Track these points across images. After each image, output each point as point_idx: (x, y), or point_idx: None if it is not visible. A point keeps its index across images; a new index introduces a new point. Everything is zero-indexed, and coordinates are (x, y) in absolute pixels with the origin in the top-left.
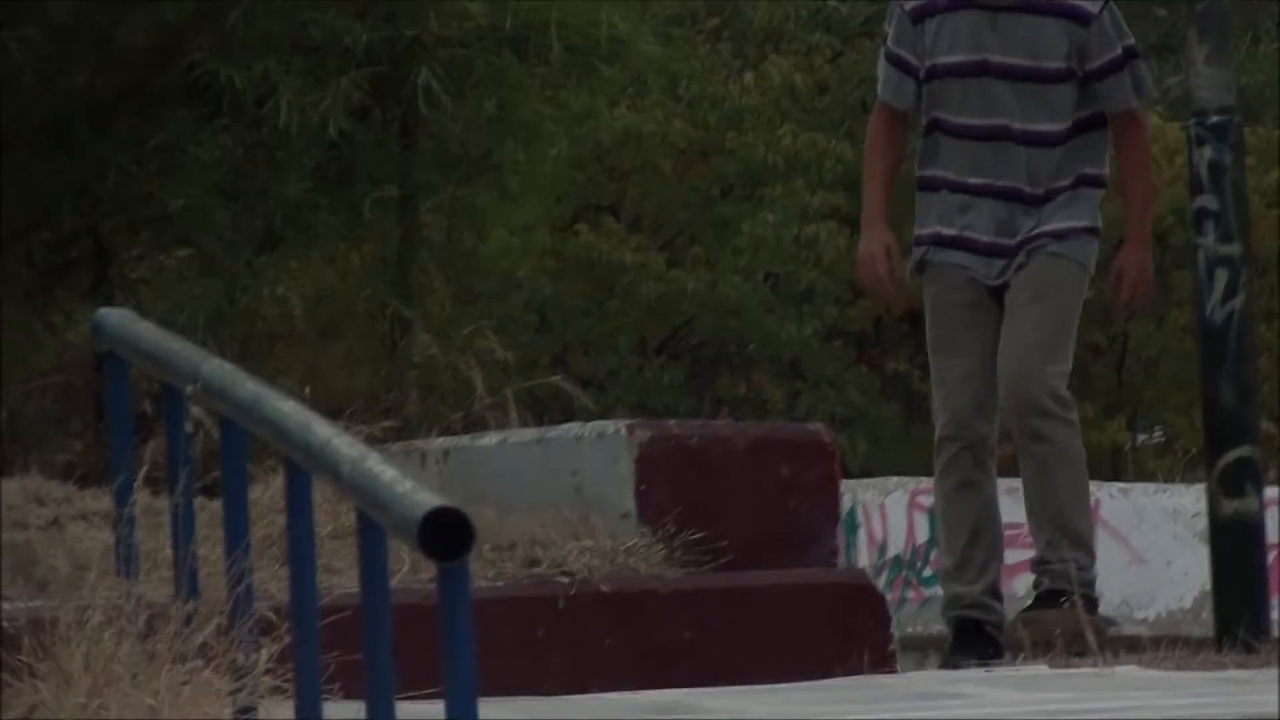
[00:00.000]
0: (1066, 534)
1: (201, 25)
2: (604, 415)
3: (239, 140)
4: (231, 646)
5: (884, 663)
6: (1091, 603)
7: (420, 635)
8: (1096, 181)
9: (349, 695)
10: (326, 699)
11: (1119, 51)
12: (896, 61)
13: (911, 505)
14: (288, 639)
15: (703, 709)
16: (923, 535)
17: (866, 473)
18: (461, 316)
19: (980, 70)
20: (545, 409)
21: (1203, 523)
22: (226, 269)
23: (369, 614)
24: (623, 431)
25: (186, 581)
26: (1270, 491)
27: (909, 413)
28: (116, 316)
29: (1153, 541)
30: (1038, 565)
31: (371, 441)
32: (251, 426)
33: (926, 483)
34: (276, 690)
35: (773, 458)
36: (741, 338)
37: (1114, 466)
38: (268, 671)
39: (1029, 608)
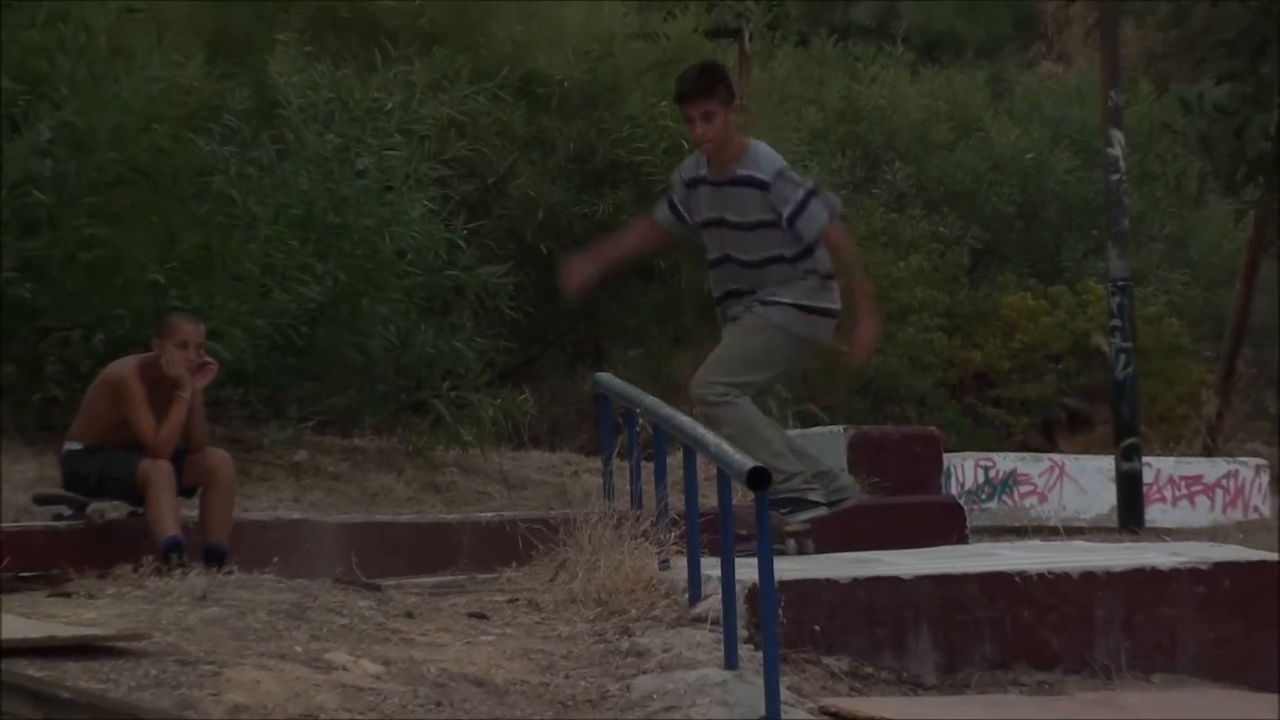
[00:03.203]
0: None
1: None
2: None
3: None
4: (657, 531)
5: (962, 539)
6: (801, 502)
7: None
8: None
9: (711, 553)
10: (704, 557)
11: (799, 198)
12: (670, 204)
13: (976, 466)
14: (683, 528)
15: (886, 560)
16: (979, 480)
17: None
18: None
19: (717, 224)
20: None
21: (1113, 473)
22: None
23: (722, 515)
24: (841, 430)
25: (636, 500)
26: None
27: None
28: (604, 376)
29: (1092, 482)
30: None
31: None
32: (666, 429)
33: (984, 454)
34: (678, 553)
35: (910, 442)
36: None
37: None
38: (675, 544)
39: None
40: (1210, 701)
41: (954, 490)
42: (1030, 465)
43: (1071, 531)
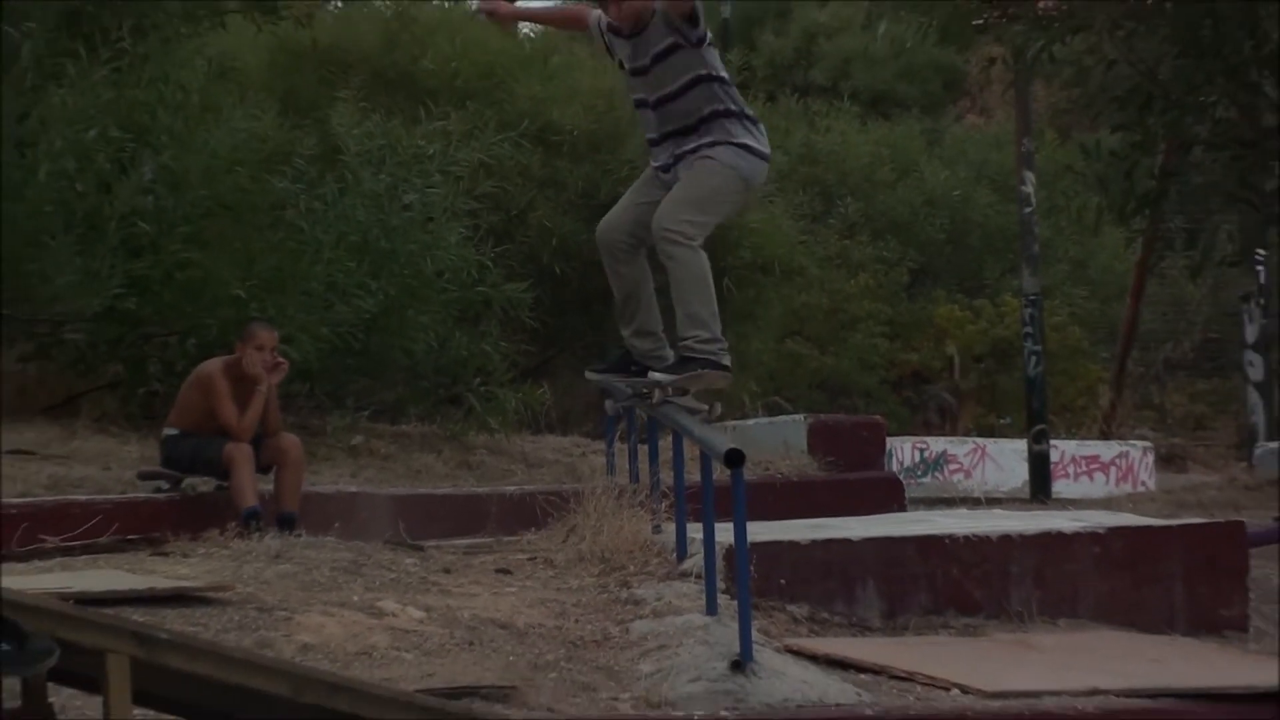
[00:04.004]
0: (690, 319)
1: None
2: None
3: None
4: (650, 502)
5: (901, 508)
6: (709, 363)
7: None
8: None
9: (695, 520)
10: (689, 523)
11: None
12: (600, 29)
13: (913, 448)
14: (672, 499)
15: (839, 526)
16: (915, 459)
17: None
18: None
19: (640, 73)
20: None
21: (1025, 454)
22: None
23: (704, 489)
24: (802, 419)
25: (634, 476)
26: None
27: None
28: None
29: (1008, 460)
30: (678, 341)
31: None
32: (658, 418)
33: (920, 438)
34: (668, 519)
35: (859, 428)
36: None
37: (995, 433)
38: (665, 513)
39: (669, 366)
40: (1104, 640)
41: (894, 468)
42: (957, 447)
43: (991, 502)
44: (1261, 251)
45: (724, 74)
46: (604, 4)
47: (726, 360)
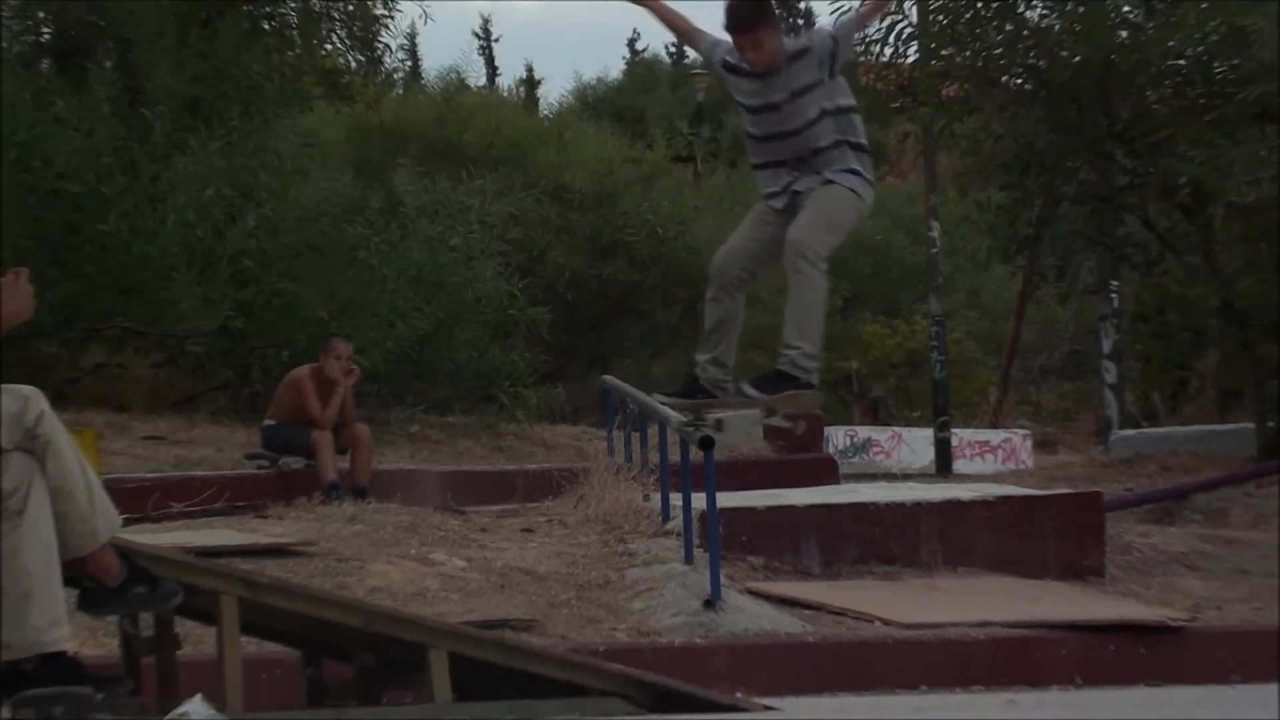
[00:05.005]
0: (801, 331)
1: None
2: None
3: None
4: (641, 476)
5: (836, 483)
6: (808, 384)
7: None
8: None
9: (676, 490)
10: (672, 493)
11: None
12: (711, 48)
13: (845, 435)
14: (656, 477)
15: (788, 495)
16: (847, 444)
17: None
18: None
19: (765, 109)
20: None
21: (932, 439)
22: None
23: (683, 467)
24: (760, 413)
25: (628, 457)
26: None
27: None
28: (608, 378)
29: (919, 445)
30: (782, 349)
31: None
32: (647, 412)
33: (850, 427)
34: (655, 490)
35: (806, 420)
36: None
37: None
38: (653, 485)
39: (763, 382)
40: (993, 584)
41: (831, 451)
42: (879, 434)
43: (906, 477)
44: (1115, 283)
45: (853, 102)
46: (740, 47)
47: (816, 380)
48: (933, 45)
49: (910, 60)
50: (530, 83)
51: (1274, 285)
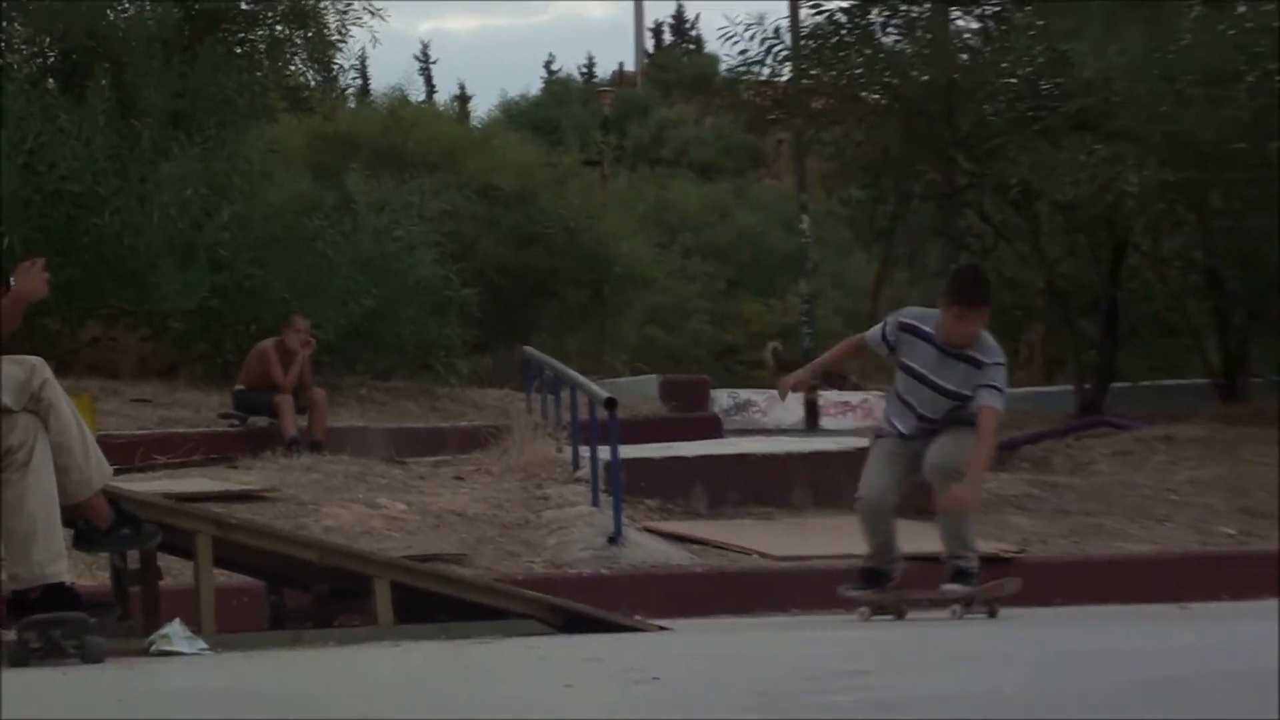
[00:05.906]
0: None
1: None
2: None
3: None
4: (555, 432)
5: (720, 437)
6: (970, 576)
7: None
8: None
9: (584, 444)
10: (581, 446)
11: (996, 378)
12: (884, 335)
13: (728, 396)
14: (568, 432)
15: (679, 448)
16: (730, 404)
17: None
18: None
19: (929, 383)
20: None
21: (803, 400)
22: None
23: (591, 423)
24: (656, 378)
25: (545, 415)
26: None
27: None
28: (528, 349)
29: (792, 404)
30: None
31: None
32: (559, 376)
33: (733, 389)
34: (567, 443)
35: (694, 384)
36: None
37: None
38: (565, 439)
39: (967, 575)
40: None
41: (716, 410)
42: (757, 396)
43: (780, 432)
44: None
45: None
46: (958, 317)
47: (975, 567)
48: (803, 66)
49: (784, 79)
50: (463, 98)
51: (1090, 270)
